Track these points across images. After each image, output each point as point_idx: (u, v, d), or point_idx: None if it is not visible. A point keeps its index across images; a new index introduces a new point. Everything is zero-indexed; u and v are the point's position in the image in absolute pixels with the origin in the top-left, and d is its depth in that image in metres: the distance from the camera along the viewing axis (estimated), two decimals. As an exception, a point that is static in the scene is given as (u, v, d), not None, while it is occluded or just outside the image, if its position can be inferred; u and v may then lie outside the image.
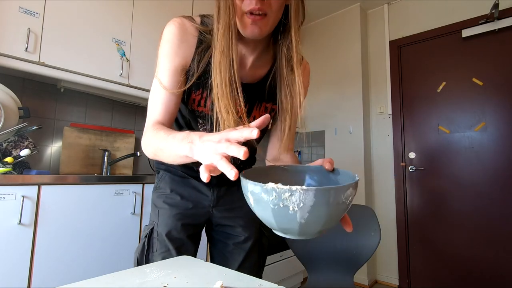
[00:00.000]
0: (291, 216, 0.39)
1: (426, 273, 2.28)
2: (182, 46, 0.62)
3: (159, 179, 0.81)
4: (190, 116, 0.72)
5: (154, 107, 0.63)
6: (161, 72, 0.62)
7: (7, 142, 1.37)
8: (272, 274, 2.04)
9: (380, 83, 2.65)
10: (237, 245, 0.81)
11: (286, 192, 0.38)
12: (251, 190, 0.41)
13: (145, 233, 0.75)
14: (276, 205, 0.39)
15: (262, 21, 0.55)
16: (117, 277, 0.47)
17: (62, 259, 1.16)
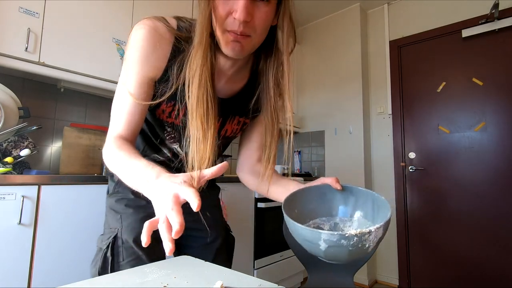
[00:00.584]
0: (364, 250, 0.44)
1: (426, 273, 2.28)
2: (154, 54, 0.56)
3: (116, 183, 0.74)
4: (156, 124, 0.69)
5: (118, 118, 0.58)
6: (128, 81, 0.56)
7: (7, 142, 1.37)
8: (272, 274, 2.04)
9: (380, 83, 2.65)
10: (205, 246, 0.79)
11: (366, 235, 0.42)
12: (326, 239, 0.43)
13: (106, 243, 0.66)
14: (355, 247, 0.43)
15: (245, 41, 0.52)
16: (117, 277, 0.47)
17: (62, 259, 1.16)
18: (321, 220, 0.61)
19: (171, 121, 0.66)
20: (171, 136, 0.70)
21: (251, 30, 0.52)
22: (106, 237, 0.67)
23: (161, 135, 0.71)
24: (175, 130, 0.68)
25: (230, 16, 0.50)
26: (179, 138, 0.70)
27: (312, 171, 2.88)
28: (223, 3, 0.50)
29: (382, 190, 2.57)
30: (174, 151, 0.73)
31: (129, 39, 0.57)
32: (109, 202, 0.73)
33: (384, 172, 2.56)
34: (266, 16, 0.52)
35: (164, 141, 0.71)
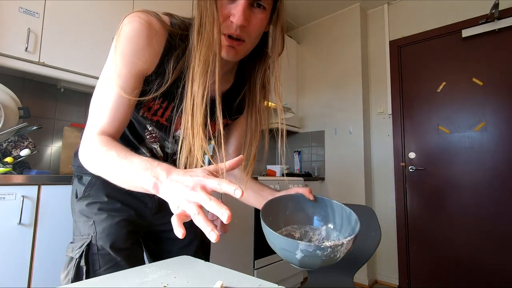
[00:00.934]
0: (334, 260, 0.48)
1: (426, 273, 2.28)
2: (147, 48, 0.54)
3: (86, 185, 0.69)
4: (137, 122, 0.67)
5: (101, 113, 0.53)
6: (117, 75, 0.53)
7: (7, 142, 1.37)
8: (272, 274, 2.04)
9: (380, 83, 2.65)
10: (183, 248, 0.77)
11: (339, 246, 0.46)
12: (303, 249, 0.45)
13: (78, 251, 0.61)
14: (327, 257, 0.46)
15: (240, 46, 0.54)
16: (117, 277, 0.47)
17: (62, 259, 1.15)
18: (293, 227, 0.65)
19: (156, 119, 0.64)
20: (152, 135, 0.68)
21: (246, 35, 0.53)
22: (77, 245, 0.63)
23: (142, 134, 0.68)
24: (158, 128, 0.66)
25: (228, 19, 0.51)
26: (160, 137, 0.69)
27: (312, 171, 2.88)
28: (223, 7, 0.51)
29: (382, 190, 2.57)
30: (153, 151, 0.72)
31: (120, 31, 0.53)
32: (78, 207, 0.68)
33: (384, 172, 2.56)
34: (261, 23, 0.54)
35: (143, 140, 0.70)
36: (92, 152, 0.50)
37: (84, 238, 0.63)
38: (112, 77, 0.53)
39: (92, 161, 0.51)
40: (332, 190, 2.72)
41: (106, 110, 0.53)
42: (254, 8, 0.52)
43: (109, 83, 0.53)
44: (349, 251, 0.49)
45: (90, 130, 0.53)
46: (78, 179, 0.72)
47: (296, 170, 2.97)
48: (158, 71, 0.57)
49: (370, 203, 2.57)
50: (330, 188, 2.73)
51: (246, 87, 0.69)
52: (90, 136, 0.52)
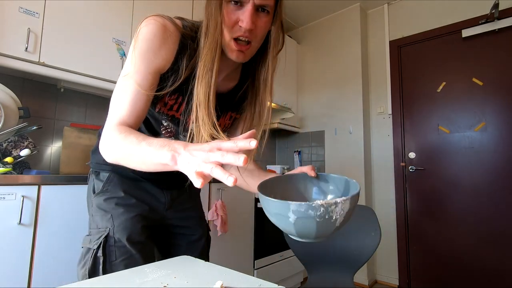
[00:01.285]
0: (332, 224, 0.46)
1: (426, 273, 2.28)
2: (162, 48, 0.59)
3: (105, 181, 0.74)
4: (154, 118, 0.71)
5: (120, 106, 0.57)
6: (135, 72, 0.58)
7: (7, 142, 1.37)
8: (272, 274, 2.04)
9: (380, 83, 2.65)
10: (191, 243, 0.82)
11: (333, 205, 0.44)
12: (294, 210, 0.44)
13: (96, 243, 0.65)
14: (322, 218, 0.44)
15: (248, 49, 0.60)
16: (117, 277, 0.47)
17: (62, 259, 1.16)
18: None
19: (171, 114, 0.69)
20: (167, 130, 0.72)
21: (253, 37, 0.59)
22: (95, 237, 0.67)
23: (157, 129, 0.72)
24: (173, 123, 0.71)
25: (237, 24, 0.57)
26: (175, 131, 0.73)
27: (312, 171, 2.88)
28: (231, 13, 0.57)
29: (382, 190, 2.57)
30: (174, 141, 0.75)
31: (138, 33, 0.59)
32: (96, 202, 0.72)
33: (384, 172, 2.56)
34: (265, 25, 0.60)
35: (159, 135, 0.74)
36: (112, 140, 0.53)
37: (101, 230, 0.67)
38: (131, 74, 0.58)
39: (112, 148, 0.53)
40: (332, 190, 2.71)
41: (125, 104, 0.57)
42: (259, 12, 0.58)
43: (128, 80, 0.58)
44: (349, 215, 0.47)
45: (110, 121, 0.57)
46: (96, 175, 0.77)
47: (296, 170, 2.97)
48: (173, 69, 0.62)
49: (370, 203, 2.57)
50: (330, 188, 2.73)
51: (249, 82, 0.73)
52: (110, 126, 0.55)
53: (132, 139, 0.49)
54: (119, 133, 0.52)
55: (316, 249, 1.15)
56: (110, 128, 0.55)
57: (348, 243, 1.11)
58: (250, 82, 0.73)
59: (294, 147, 3.09)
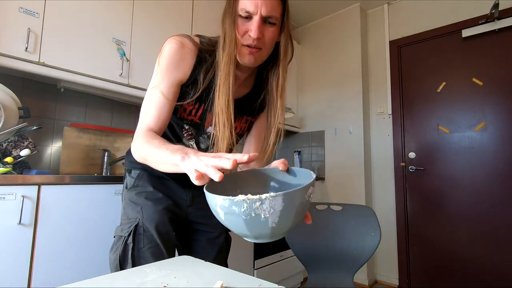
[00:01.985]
0: (263, 223, 0.42)
1: (426, 273, 2.28)
2: (181, 62, 0.70)
3: (135, 177, 0.83)
4: (176, 123, 0.80)
5: (148, 114, 0.68)
6: (159, 84, 0.68)
7: (7, 142, 1.37)
8: (272, 274, 2.04)
9: (380, 83, 2.65)
10: (211, 240, 0.89)
11: (257, 202, 0.40)
12: (220, 205, 0.42)
13: (127, 231, 0.73)
14: (248, 215, 0.41)
15: (257, 53, 0.69)
16: (117, 277, 0.47)
17: (62, 259, 1.16)
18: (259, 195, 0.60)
19: (190, 118, 0.78)
20: (189, 133, 0.81)
21: (262, 44, 0.68)
22: (126, 226, 0.74)
23: (180, 133, 0.81)
24: (193, 126, 0.80)
25: (246, 34, 0.66)
26: (196, 134, 0.82)
27: (312, 171, 2.87)
28: (241, 25, 0.66)
29: (382, 190, 2.57)
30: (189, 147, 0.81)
31: (161, 51, 0.70)
32: (128, 196, 0.81)
33: (384, 172, 2.56)
34: (273, 35, 0.69)
35: (181, 138, 0.82)
36: (140, 143, 0.63)
37: (131, 221, 0.75)
38: (156, 86, 0.69)
39: (140, 150, 0.62)
40: (332, 190, 2.72)
41: (152, 112, 0.68)
42: (266, 24, 0.67)
43: (154, 91, 0.69)
44: (289, 216, 0.42)
45: (140, 127, 0.67)
46: (128, 173, 0.86)
47: (296, 170, 2.97)
48: (192, 80, 0.72)
49: (370, 203, 2.57)
50: (330, 188, 2.74)
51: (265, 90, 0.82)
52: (140, 132, 0.66)
53: (155, 143, 0.59)
54: (146, 137, 0.62)
55: (316, 249, 1.15)
56: (139, 133, 0.65)
57: (348, 243, 1.11)
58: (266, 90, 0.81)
59: (294, 147, 3.09)
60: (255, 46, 0.67)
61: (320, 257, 1.14)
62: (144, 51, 1.75)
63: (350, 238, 1.11)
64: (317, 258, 1.14)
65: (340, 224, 1.15)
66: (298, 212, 0.45)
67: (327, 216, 1.18)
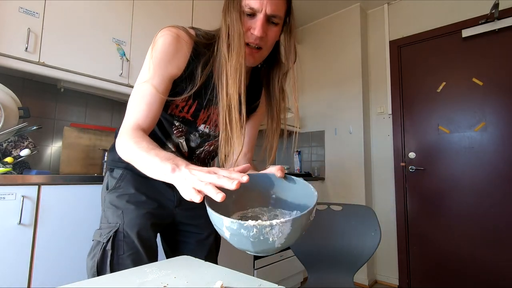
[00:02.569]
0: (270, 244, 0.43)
1: (426, 273, 2.28)
2: (176, 56, 0.66)
3: (118, 178, 0.77)
4: (166, 119, 0.76)
5: (137, 109, 0.63)
6: (152, 77, 0.64)
7: (7, 142, 1.37)
8: (272, 274, 2.04)
9: (380, 83, 2.65)
10: (200, 242, 0.85)
11: (267, 228, 0.41)
12: (227, 226, 0.42)
13: (106, 236, 0.69)
14: (256, 239, 0.41)
15: (258, 53, 0.67)
16: (117, 277, 0.47)
17: (62, 259, 1.16)
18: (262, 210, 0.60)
19: (182, 115, 0.74)
20: (179, 130, 0.77)
21: (263, 43, 0.66)
22: (105, 231, 0.70)
23: (169, 130, 0.77)
24: (184, 124, 0.76)
25: (249, 31, 0.64)
26: (187, 131, 0.78)
27: (312, 171, 2.88)
28: (245, 22, 0.64)
29: (382, 190, 2.57)
30: (179, 146, 0.79)
31: (154, 42, 0.66)
32: (109, 198, 0.75)
33: (384, 172, 2.56)
34: (275, 34, 0.67)
35: (170, 135, 0.78)
36: (126, 143, 0.58)
37: (112, 225, 0.70)
38: (148, 80, 0.64)
39: (126, 150, 0.58)
40: (332, 190, 2.72)
41: (142, 106, 0.63)
42: (270, 23, 0.65)
43: (145, 85, 0.64)
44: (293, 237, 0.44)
45: (127, 124, 0.62)
46: (110, 172, 0.80)
47: (296, 170, 2.97)
48: (186, 74, 0.68)
49: (370, 203, 2.57)
50: (330, 188, 2.74)
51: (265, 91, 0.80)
52: (126, 128, 0.61)
53: (143, 146, 0.55)
54: (134, 137, 0.58)
55: (316, 249, 1.15)
56: (126, 131, 0.60)
57: (348, 243, 1.11)
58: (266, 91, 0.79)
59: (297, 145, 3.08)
60: (257, 45, 0.65)
61: (320, 257, 1.13)
62: (144, 51, 1.73)
63: (350, 238, 1.11)
64: (317, 258, 1.14)
65: (340, 224, 1.15)
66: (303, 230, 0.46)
67: (327, 216, 1.18)
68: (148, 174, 0.53)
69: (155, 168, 0.50)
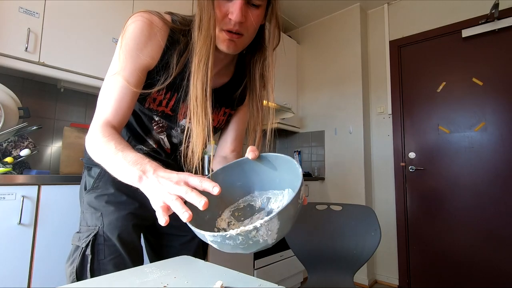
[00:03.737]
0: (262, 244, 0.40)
1: (426, 273, 2.28)
2: (149, 44, 0.59)
3: (95, 177, 0.71)
4: (144, 114, 0.71)
5: (107, 104, 0.57)
6: (122, 69, 0.58)
7: (7, 142, 1.37)
8: (272, 274, 2.04)
9: (380, 83, 2.65)
10: (184, 245, 0.79)
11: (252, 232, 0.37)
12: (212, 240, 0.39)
13: (85, 241, 0.64)
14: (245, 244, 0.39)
15: (239, 40, 0.59)
16: (117, 277, 0.47)
17: (62, 259, 1.16)
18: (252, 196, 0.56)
19: (161, 110, 0.68)
20: (159, 125, 0.71)
21: (244, 29, 0.58)
22: (84, 235, 0.65)
23: (148, 126, 0.72)
24: (164, 118, 0.70)
25: (227, 17, 0.56)
26: (168, 126, 0.72)
27: (312, 171, 2.88)
28: (221, 5, 0.56)
29: (382, 190, 2.57)
30: (160, 143, 0.74)
31: (124, 30, 0.59)
32: (87, 199, 0.70)
33: (384, 172, 2.56)
34: (257, 19, 0.59)
35: (150, 131, 0.73)
36: (94, 142, 0.53)
37: (91, 228, 0.66)
38: (118, 71, 0.58)
39: (94, 150, 0.54)
40: (332, 190, 2.72)
41: (111, 101, 0.57)
42: (250, 6, 0.57)
43: (115, 77, 0.58)
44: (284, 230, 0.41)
45: (96, 120, 0.57)
46: (88, 171, 0.74)
47: (296, 170, 2.97)
48: (162, 64, 0.61)
49: (370, 203, 2.57)
50: (330, 188, 2.73)
51: (247, 78, 0.73)
52: (95, 126, 0.55)
53: (111, 146, 0.50)
54: (102, 136, 0.53)
55: (316, 249, 1.15)
56: (95, 128, 0.55)
57: (348, 243, 1.11)
58: (247, 79, 0.72)
59: (294, 147, 3.09)
60: (236, 32, 0.57)
61: (320, 257, 1.13)
62: (144, 51, 1.75)
63: (350, 238, 1.11)
64: (317, 258, 1.14)
65: (340, 224, 1.15)
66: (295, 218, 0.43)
67: (327, 216, 1.18)
68: (118, 178, 0.49)
69: (123, 173, 0.47)
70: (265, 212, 0.53)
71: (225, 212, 0.54)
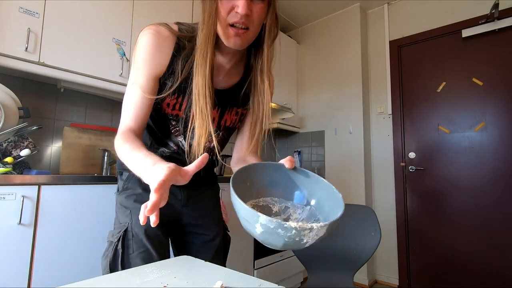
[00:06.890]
0: (302, 244, 0.42)
1: (426, 273, 2.28)
2: (157, 54, 0.65)
3: (125, 180, 0.79)
4: (162, 119, 0.75)
5: (127, 112, 0.66)
6: (137, 79, 0.65)
7: (7, 142, 1.37)
8: (272, 274, 2.04)
9: (380, 83, 2.65)
10: (206, 243, 0.83)
11: (306, 230, 0.40)
12: (263, 224, 0.41)
13: (117, 236, 0.70)
14: (291, 239, 0.41)
15: (244, 34, 0.61)
16: (117, 277, 0.47)
17: (62, 259, 1.16)
18: (273, 200, 0.59)
19: (175, 113, 0.73)
20: (176, 129, 0.76)
21: (250, 23, 0.60)
22: (116, 231, 0.72)
23: (167, 130, 0.77)
24: (179, 122, 0.74)
25: (233, 11, 0.59)
26: (183, 130, 0.76)
27: (312, 171, 2.86)
28: (225, 2, 0.59)
29: (382, 190, 2.57)
30: (179, 144, 0.78)
31: (136, 44, 0.66)
32: (119, 199, 0.78)
33: (384, 172, 2.56)
34: (261, 11, 0.62)
35: (169, 135, 0.77)
36: (118, 146, 0.62)
37: (122, 225, 0.72)
38: (134, 81, 0.65)
39: (118, 152, 0.62)
40: (332, 190, 2.71)
41: (131, 109, 0.65)
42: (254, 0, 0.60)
43: (132, 87, 0.66)
44: (322, 238, 0.44)
45: (120, 126, 0.65)
46: (120, 175, 0.82)
47: (296, 170, 2.97)
48: (170, 71, 0.67)
49: (370, 203, 2.57)
50: (330, 188, 2.73)
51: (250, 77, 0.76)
52: (118, 132, 0.64)
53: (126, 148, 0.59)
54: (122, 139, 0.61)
55: (316, 249, 1.15)
56: (119, 133, 0.64)
57: (348, 243, 1.11)
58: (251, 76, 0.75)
59: (294, 147, 3.09)
60: (242, 25, 0.59)
61: (320, 257, 1.13)
62: (144, 51, 1.75)
63: (350, 238, 1.11)
64: (317, 258, 1.14)
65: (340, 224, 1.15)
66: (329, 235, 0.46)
67: (327, 216, 1.18)
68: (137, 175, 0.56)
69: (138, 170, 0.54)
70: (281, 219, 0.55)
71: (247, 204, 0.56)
